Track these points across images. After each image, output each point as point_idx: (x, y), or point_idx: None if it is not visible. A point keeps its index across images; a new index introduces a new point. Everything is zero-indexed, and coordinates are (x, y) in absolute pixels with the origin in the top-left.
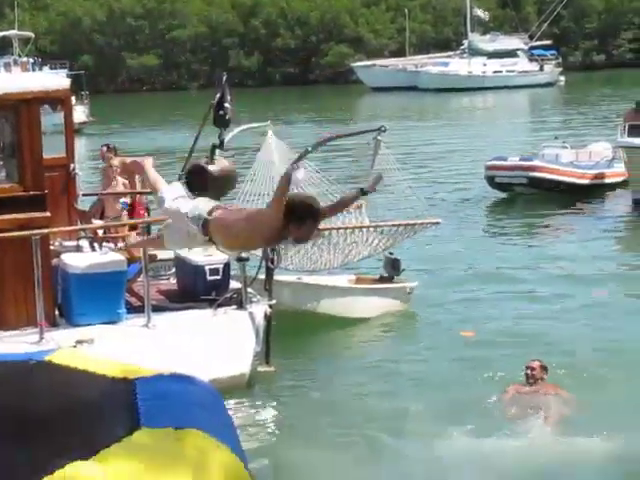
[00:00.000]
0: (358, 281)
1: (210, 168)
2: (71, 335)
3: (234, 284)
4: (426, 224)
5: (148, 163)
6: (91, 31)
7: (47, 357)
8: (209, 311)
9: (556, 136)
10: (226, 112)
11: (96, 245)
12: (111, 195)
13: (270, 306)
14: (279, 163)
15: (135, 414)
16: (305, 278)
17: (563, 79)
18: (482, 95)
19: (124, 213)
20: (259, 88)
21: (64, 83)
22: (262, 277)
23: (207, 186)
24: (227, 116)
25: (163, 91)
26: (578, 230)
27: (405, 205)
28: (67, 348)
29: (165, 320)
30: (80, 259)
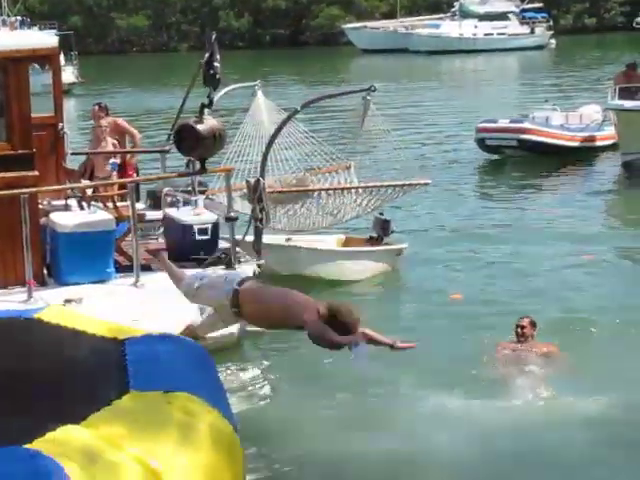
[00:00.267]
0: (347, 241)
1: (199, 127)
2: (59, 294)
3: (223, 244)
4: (415, 185)
5: (163, 258)
6: None
7: (36, 315)
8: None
9: (546, 99)
10: (216, 71)
11: (84, 204)
12: (100, 155)
13: (259, 266)
14: (268, 123)
15: (124, 377)
16: (294, 238)
17: (554, 42)
18: (473, 57)
19: (113, 174)
20: (249, 50)
21: (52, 41)
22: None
23: (196, 145)
24: (217, 76)
25: (153, 52)
26: (567, 192)
27: (394, 166)
28: (56, 305)
29: (153, 279)
30: (69, 218)
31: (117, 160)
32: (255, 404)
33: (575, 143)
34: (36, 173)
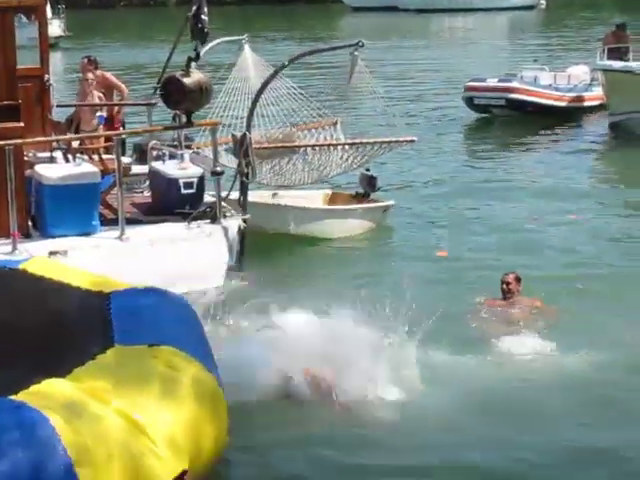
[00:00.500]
0: (333, 197)
1: (185, 80)
2: (44, 246)
3: (208, 198)
4: (402, 142)
5: None
6: None
7: (21, 265)
8: (183, 225)
9: (535, 59)
10: (204, 25)
11: (70, 157)
12: (86, 109)
13: (244, 220)
14: (255, 78)
15: (109, 331)
16: (281, 194)
17: (544, 2)
18: (462, 16)
19: (100, 127)
20: (237, 5)
21: None
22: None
23: (183, 98)
24: (205, 29)
25: (141, 7)
26: (554, 152)
27: (381, 122)
28: (42, 256)
29: (139, 233)
30: (54, 170)
31: (104, 114)
32: None
33: (563, 103)
34: (21, 124)
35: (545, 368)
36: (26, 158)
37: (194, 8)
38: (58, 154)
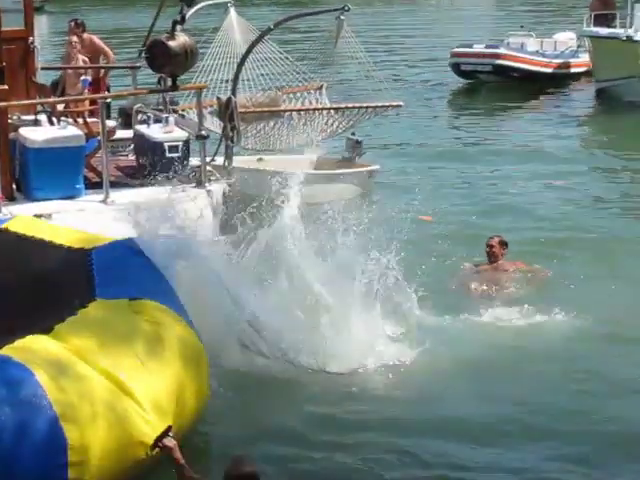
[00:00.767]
0: (319, 162)
1: (170, 44)
2: (29, 209)
3: (194, 162)
4: (387, 107)
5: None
6: None
7: (4, 225)
8: (167, 188)
9: (522, 25)
10: None
11: (54, 120)
12: (71, 72)
13: (229, 185)
14: (240, 42)
15: (91, 285)
16: (266, 159)
17: None
18: None
19: (85, 91)
20: None
21: None
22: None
23: (168, 62)
24: None
25: None
26: (540, 118)
27: (367, 87)
28: (24, 216)
29: (123, 196)
30: (38, 133)
31: (88, 77)
32: None
33: (550, 69)
34: (5, 87)
35: (527, 330)
36: (10, 121)
37: None
38: (42, 117)
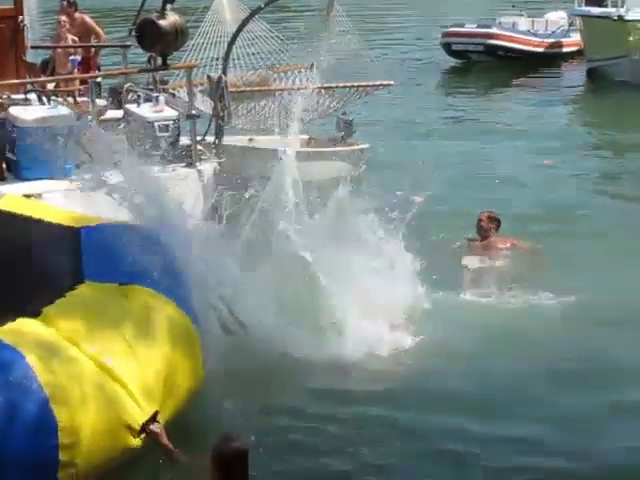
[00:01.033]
0: (310, 141)
1: (160, 22)
2: (19, 189)
3: (184, 141)
4: (379, 86)
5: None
6: None
7: None
8: (158, 168)
9: (513, 4)
10: None
11: (45, 99)
12: (61, 52)
13: (219, 164)
14: (231, 21)
15: (79, 267)
16: (257, 139)
17: None
18: None
19: (75, 70)
20: None
21: None
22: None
23: (158, 41)
24: None
25: None
26: (532, 97)
27: (358, 67)
28: (13, 194)
29: (113, 176)
30: (29, 112)
31: (77, 57)
32: None
33: (541, 49)
34: None
35: (514, 308)
36: (0, 100)
37: None
38: (32, 96)
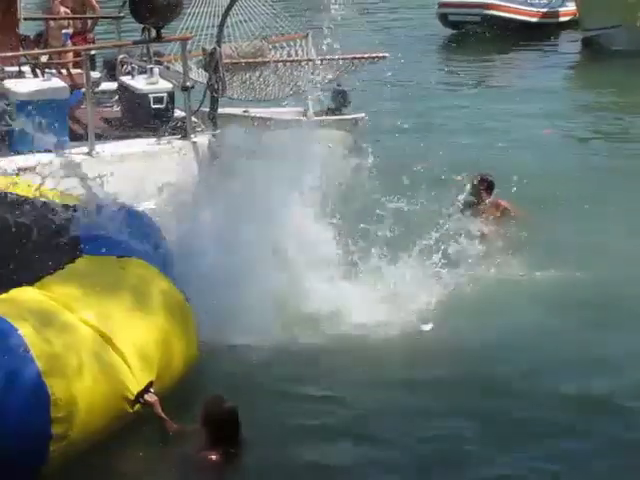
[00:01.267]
0: (305, 113)
1: None
2: (13, 162)
3: (179, 113)
4: (373, 57)
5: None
6: None
7: None
8: (153, 140)
9: None
10: None
11: (38, 71)
12: (54, 25)
13: (214, 136)
14: None
15: (77, 242)
16: (252, 110)
17: None
18: None
19: (68, 43)
20: None
21: None
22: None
23: (152, 12)
24: None
25: None
26: (529, 67)
27: (352, 38)
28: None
29: (108, 148)
30: (23, 85)
31: (69, 30)
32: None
33: (538, 19)
34: None
35: (502, 272)
36: None
37: None
38: (26, 69)
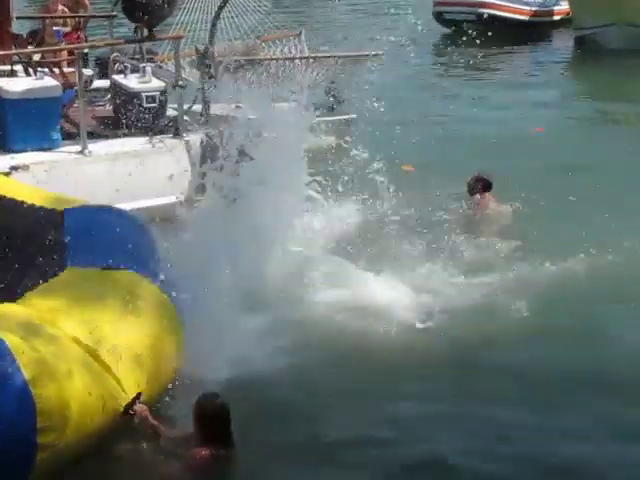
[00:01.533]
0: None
1: None
2: (5, 161)
3: (171, 112)
4: (367, 56)
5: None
6: None
7: None
8: (145, 139)
9: None
10: None
11: (31, 70)
12: (49, 23)
13: (207, 134)
14: None
15: (62, 252)
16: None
17: None
18: None
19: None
20: None
21: None
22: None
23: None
24: None
25: None
26: (523, 65)
27: (347, 36)
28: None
29: (101, 147)
30: (15, 84)
31: (62, 28)
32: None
33: (533, 17)
34: None
35: (496, 264)
36: None
37: None
38: (19, 67)
